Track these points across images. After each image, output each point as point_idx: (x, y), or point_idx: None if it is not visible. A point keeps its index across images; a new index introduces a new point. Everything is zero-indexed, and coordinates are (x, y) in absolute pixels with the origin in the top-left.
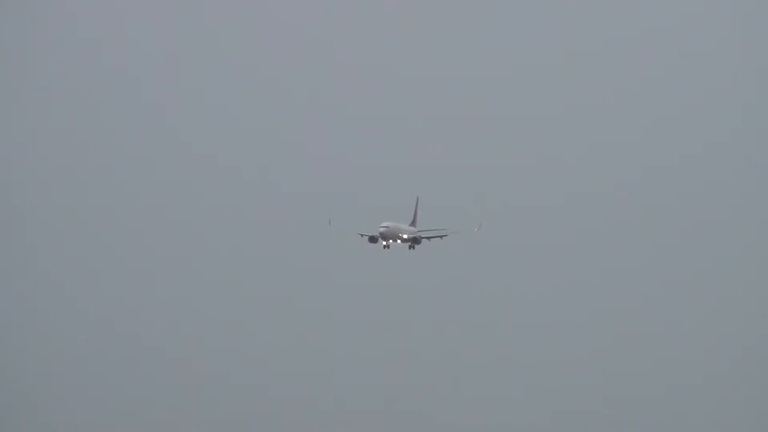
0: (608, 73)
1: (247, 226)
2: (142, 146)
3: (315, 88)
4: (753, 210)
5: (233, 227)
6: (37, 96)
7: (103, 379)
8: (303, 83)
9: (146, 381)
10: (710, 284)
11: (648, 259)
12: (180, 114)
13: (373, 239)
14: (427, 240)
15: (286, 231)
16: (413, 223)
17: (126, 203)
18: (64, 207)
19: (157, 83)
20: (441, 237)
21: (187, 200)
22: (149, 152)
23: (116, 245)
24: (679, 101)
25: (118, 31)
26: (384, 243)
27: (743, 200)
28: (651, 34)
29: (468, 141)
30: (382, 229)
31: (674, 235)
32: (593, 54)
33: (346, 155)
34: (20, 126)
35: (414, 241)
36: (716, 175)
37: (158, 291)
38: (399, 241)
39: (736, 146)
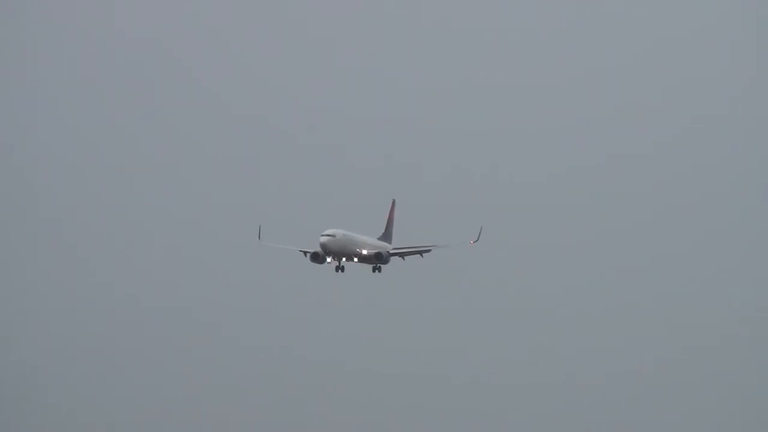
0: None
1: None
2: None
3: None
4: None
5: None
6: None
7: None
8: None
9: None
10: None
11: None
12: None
13: (316, 257)
14: (401, 259)
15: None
16: (386, 237)
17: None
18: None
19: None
20: (422, 254)
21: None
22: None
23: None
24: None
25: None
26: (330, 261)
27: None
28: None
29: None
30: (324, 240)
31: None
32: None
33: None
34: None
35: (378, 259)
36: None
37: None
38: (356, 260)
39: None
